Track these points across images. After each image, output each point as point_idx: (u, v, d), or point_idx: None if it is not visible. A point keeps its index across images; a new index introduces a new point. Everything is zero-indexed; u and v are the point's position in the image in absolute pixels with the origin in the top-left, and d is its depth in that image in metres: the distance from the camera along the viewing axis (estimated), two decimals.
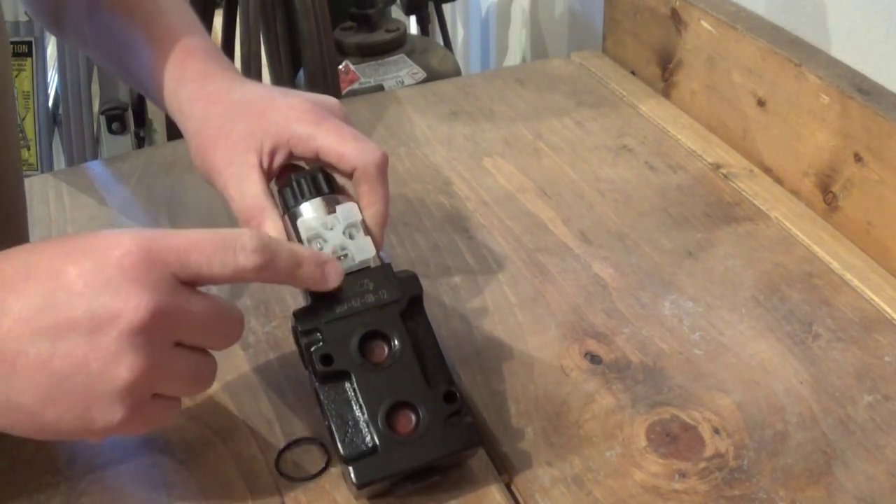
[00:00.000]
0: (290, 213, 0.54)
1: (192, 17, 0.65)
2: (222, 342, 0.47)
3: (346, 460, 0.48)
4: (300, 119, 0.55)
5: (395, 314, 0.51)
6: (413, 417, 0.49)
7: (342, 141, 0.54)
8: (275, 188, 0.57)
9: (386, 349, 0.51)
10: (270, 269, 0.46)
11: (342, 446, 0.48)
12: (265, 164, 0.56)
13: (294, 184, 0.55)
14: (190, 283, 0.45)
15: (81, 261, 0.42)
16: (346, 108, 0.59)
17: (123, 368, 0.42)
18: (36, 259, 0.43)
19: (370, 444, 0.48)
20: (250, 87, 0.59)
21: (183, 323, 0.44)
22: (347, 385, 0.49)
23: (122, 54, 0.65)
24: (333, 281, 0.50)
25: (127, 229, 0.45)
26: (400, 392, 0.49)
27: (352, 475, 0.48)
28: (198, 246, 0.44)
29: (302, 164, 0.58)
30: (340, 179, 0.57)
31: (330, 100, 0.59)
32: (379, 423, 0.48)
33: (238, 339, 0.48)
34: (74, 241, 0.44)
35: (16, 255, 0.44)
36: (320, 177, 0.55)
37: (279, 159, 0.56)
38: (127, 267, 0.42)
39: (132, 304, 0.42)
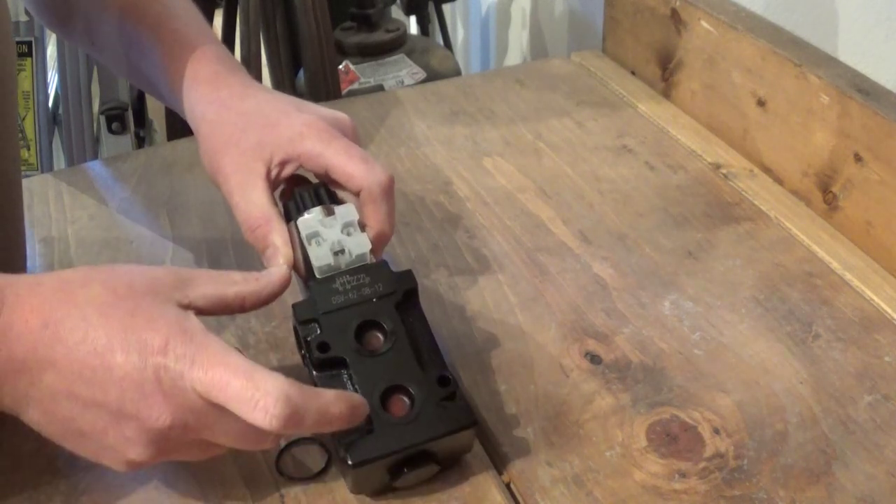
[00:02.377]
0: (292, 223, 0.56)
1: (201, 21, 0.66)
2: (247, 448, 0.49)
3: (341, 442, 0.48)
4: (312, 136, 0.57)
5: (391, 305, 0.52)
6: (407, 400, 0.50)
7: (350, 161, 0.56)
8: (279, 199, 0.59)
9: (382, 339, 0.52)
10: (291, 429, 0.45)
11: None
12: (273, 174, 0.57)
13: (297, 197, 0.57)
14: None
15: (130, 352, 0.45)
16: (357, 127, 0.61)
17: (133, 452, 0.46)
18: (96, 323, 0.45)
19: (365, 427, 0.49)
20: (263, 95, 0.61)
21: (201, 433, 0.46)
22: (343, 372, 0.50)
23: (131, 56, 0.66)
24: (363, 412, 0.48)
25: (184, 328, 0.45)
26: (394, 376, 0.50)
27: (346, 455, 0.48)
28: (224, 386, 0.44)
29: (309, 174, 0.59)
30: (345, 195, 0.58)
31: (343, 117, 0.60)
32: (373, 406, 0.49)
33: (270, 447, 0.49)
34: (132, 318, 0.45)
35: (81, 303, 0.46)
36: (322, 191, 0.57)
37: (287, 171, 0.58)
38: (162, 379, 0.44)
39: (154, 414, 0.44)
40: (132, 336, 0.45)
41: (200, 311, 0.48)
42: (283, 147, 0.57)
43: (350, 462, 0.48)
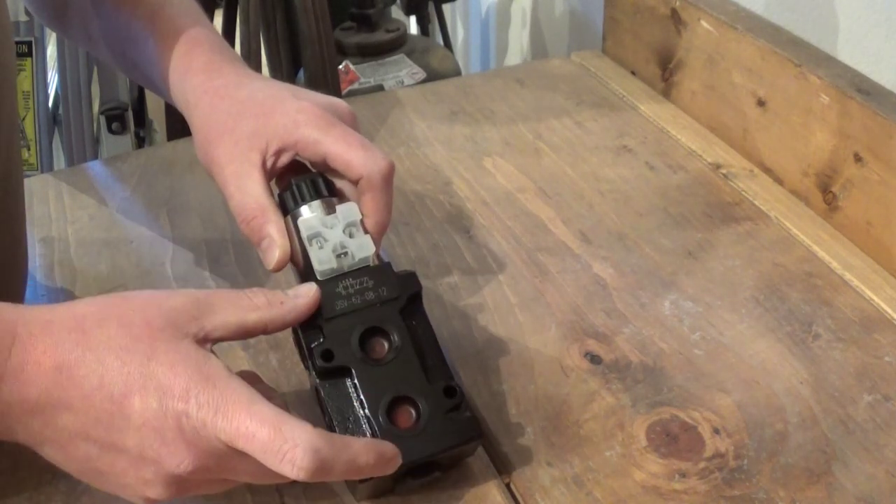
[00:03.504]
0: (290, 216, 0.55)
1: (196, 9, 0.65)
2: (266, 483, 0.48)
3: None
4: (309, 123, 0.55)
5: (395, 311, 0.51)
6: (413, 412, 0.49)
7: (349, 149, 0.54)
8: (275, 189, 0.57)
9: (386, 345, 0.51)
10: (318, 479, 0.44)
11: None
12: (269, 164, 0.56)
13: (294, 187, 0.55)
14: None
15: (148, 397, 0.43)
16: (355, 113, 0.59)
17: (152, 493, 0.45)
18: (113, 367, 0.44)
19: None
20: (258, 83, 0.59)
21: (221, 474, 0.45)
22: (348, 381, 0.50)
23: (126, 48, 0.65)
24: (395, 464, 0.47)
25: (206, 374, 0.44)
26: (400, 387, 0.49)
27: None
28: (250, 437, 0.43)
29: (306, 162, 0.58)
30: (341, 184, 0.57)
31: (340, 103, 0.58)
32: (379, 418, 0.48)
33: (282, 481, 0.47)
34: (151, 363, 0.44)
35: (96, 346, 0.44)
36: (320, 180, 0.55)
37: (284, 160, 0.56)
38: (183, 427, 0.43)
39: (175, 460, 0.43)
40: (151, 382, 0.43)
41: (220, 340, 0.47)
42: (279, 135, 0.55)
43: (359, 479, 0.48)
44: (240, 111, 0.57)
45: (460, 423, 0.49)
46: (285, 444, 0.42)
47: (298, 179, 0.55)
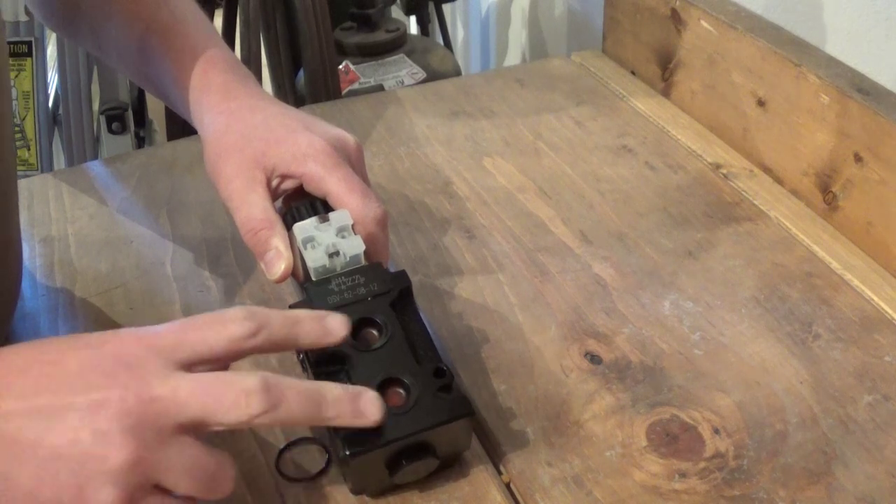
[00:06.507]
0: (289, 232, 0.57)
1: (208, 26, 0.66)
2: (219, 422, 0.44)
3: (338, 435, 0.49)
4: (317, 159, 0.57)
5: (386, 303, 0.53)
6: (404, 393, 0.50)
7: (349, 193, 0.57)
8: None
9: (377, 335, 0.52)
10: (266, 330, 0.46)
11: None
12: (273, 184, 0.58)
13: (294, 209, 0.58)
14: (188, 365, 0.44)
15: (81, 351, 0.44)
16: (363, 149, 0.61)
17: (114, 448, 0.41)
18: (42, 348, 0.45)
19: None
20: (272, 109, 0.61)
21: (174, 408, 0.43)
22: (341, 368, 0.51)
23: (139, 63, 0.66)
24: (339, 331, 0.48)
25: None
26: (391, 369, 0.51)
27: (343, 447, 0.48)
28: (191, 325, 0.45)
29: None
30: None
31: (348, 139, 0.61)
32: None
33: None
34: (77, 336, 0.46)
35: (25, 347, 0.45)
36: (318, 203, 0.58)
37: (287, 185, 0.59)
38: (124, 355, 0.43)
39: (127, 392, 0.42)
40: (78, 342, 0.45)
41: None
42: (286, 162, 0.58)
43: (348, 453, 0.48)
44: (251, 134, 0.59)
45: (450, 400, 0.50)
46: (220, 312, 0.46)
47: (297, 203, 0.58)
